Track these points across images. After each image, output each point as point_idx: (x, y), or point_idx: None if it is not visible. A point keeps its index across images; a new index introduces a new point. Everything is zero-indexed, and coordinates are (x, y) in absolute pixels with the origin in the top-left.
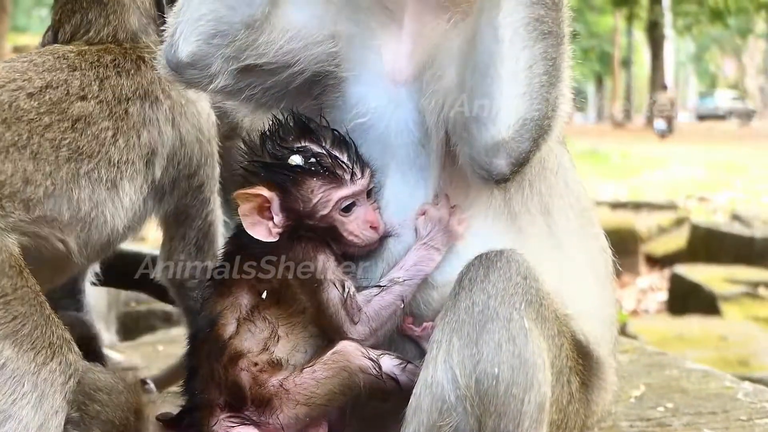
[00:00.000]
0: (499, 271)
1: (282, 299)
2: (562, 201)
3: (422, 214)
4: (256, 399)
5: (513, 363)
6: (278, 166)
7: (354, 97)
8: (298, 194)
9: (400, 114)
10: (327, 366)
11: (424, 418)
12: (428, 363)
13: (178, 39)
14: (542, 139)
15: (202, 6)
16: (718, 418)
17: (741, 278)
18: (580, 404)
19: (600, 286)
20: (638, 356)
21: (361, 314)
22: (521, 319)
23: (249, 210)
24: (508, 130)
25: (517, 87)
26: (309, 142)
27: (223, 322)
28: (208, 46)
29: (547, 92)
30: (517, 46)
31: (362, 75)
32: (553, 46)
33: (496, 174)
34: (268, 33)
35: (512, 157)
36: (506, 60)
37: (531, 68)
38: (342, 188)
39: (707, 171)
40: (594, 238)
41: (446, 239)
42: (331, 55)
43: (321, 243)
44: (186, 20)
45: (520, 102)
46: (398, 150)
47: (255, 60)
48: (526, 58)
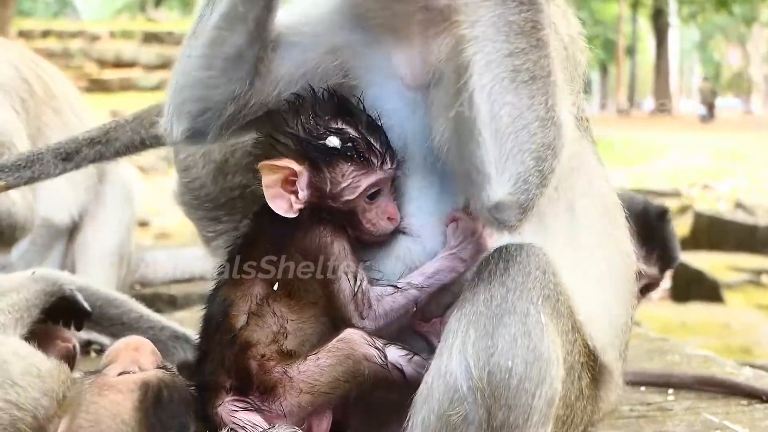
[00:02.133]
0: (519, 265)
1: (294, 291)
2: (585, 201)
3: (452, 221)
4: (261, 385)
5: (527, 357)
6: (314, 143)
7: (368, 100)
8: (329, 175)
9: (416, 119)
10: (331, 353)
11: (435, 406)
12: (442, 352)
13: (171, 119)
14: (547, 180)
15: (185, 89)
16: (719, 402)
17: (744, 266)
18: (588, 401)
19: (615, 292)
20: (640, 342)
21: (370, 311)
22: (538, 314)
23: (274, 181)
24: (505, 190)
25: (505, 145)
26: (345, 124)
27: (235, 313)
28: (200, 122)
29: (542, 138)
30: (496, 103)
31: (374, 79)
32: (540, 87)
33: (504, 227)
34: (260, 91)
35: (517, 209)
36: (487, 123)
37: (515, 122)
38: (372, 175)
39: (711, 159)
40: (616, 242)
41: (475, 252)
42: (336, 68)
43: (339, 228)
44: (174, 103)
45: (511, 161)
46: (418, 155)
47: (254, 115)
48: (508, 113)
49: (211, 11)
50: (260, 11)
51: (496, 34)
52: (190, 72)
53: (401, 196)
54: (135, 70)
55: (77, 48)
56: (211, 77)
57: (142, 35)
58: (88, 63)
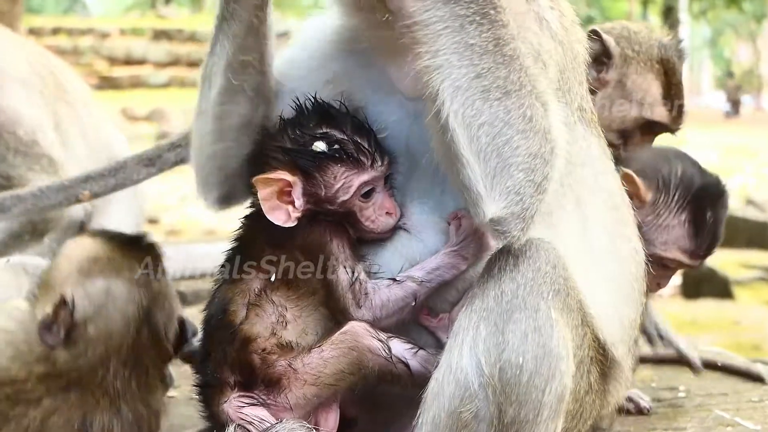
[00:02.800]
0: (529, 261)
1: (292, 281)
2: (593, 197)
3: (455, 218)
4: (265, 379)
5: (537, 353)
6: (301, 151)
7: (372, 115)
8: (321, 179)
9: (419, 123)
10: (335, 345)
11: (446, 404)
12: (452, 349)
13: (203, 191)
14: (542, 187)
15: (205, 165)
16: (729, 399)
17: (755, 263)
18: (597, 395)
19: (624, 289)
20: None
21: (366, 299)
22: (548, 310)
23: (269, 194)
24: (498, 206)
25: (489, 164)
26: (330, 128)
27: (233, 308)
28: (226, 187)
29: (526, 149)
30: (472, 126)
31: (374, 96)
32: (515, 101)
33: (509, 237)
34: None
35: (514, 220)
36: (466, 146)
37: (495, 139)
38: (363, 174)
39: (720, 155)
40: (625, 240)
41: (477, 250)
42: (338, 96)
43: (338, 227)
44: (200, 177)
45: (498, 177)
46: (420, 158)
47: None
48: (486, 132)
49: (209, 87)
50: (254, 79)
51: (459, 59)
52: (205, 148)
53: (403, 196)
54: (145, 68)
55: (87, 45)
56: (225, 149)
57: (152, 32)
58: (98, 60)
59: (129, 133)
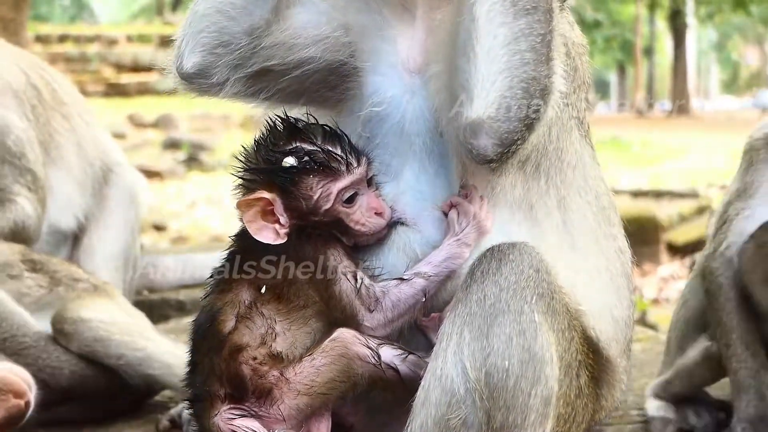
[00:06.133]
0: (512, 264)
1: (283, 295)
2: (579, 198)
3: (451, 206)
4: (256, 390)
5: (522, 357)
6: (274, 169)
7: (370, 86)
8: (298, 193)
9: (416, 102)
10: (325, 353)
11: (433, 411)
12: (438, 355)
13: (184, 50)
14: (531, 119)
15: (204, 19)
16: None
17: None
18: (588, 399)
19: (614, 286)
20: (651, 345)
21: (378, 303)
22: (531, 313)
23: (253, 215)
24: (487, 109)
25: (495, 64)
26: (300, 141)
27: (223, 318)
28: (212, 56)
29: (534, 69)
30: (494, 21)
31: (377, 65)
32: (540, 21)
33: (478, 155)
34: (274, 36)
35: (494, 137)
36: (482, 37)
37: (510, 45)
38: (340, 180)
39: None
40: (611, 239)
41: (477, 235)
42: (345, 45)
43: (330, 238)
44: (190, 33)
45: (498, 79)
46: (415, 138)
47: (263, 64)
48: (504, 34)
49: None
50: None
51: None
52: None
53: (398, 184)
54: (152, 74)
55: (94, 52)
56: (233, 6)
57: (159, 39)
58: (106, 67)
59: (136, 139)
